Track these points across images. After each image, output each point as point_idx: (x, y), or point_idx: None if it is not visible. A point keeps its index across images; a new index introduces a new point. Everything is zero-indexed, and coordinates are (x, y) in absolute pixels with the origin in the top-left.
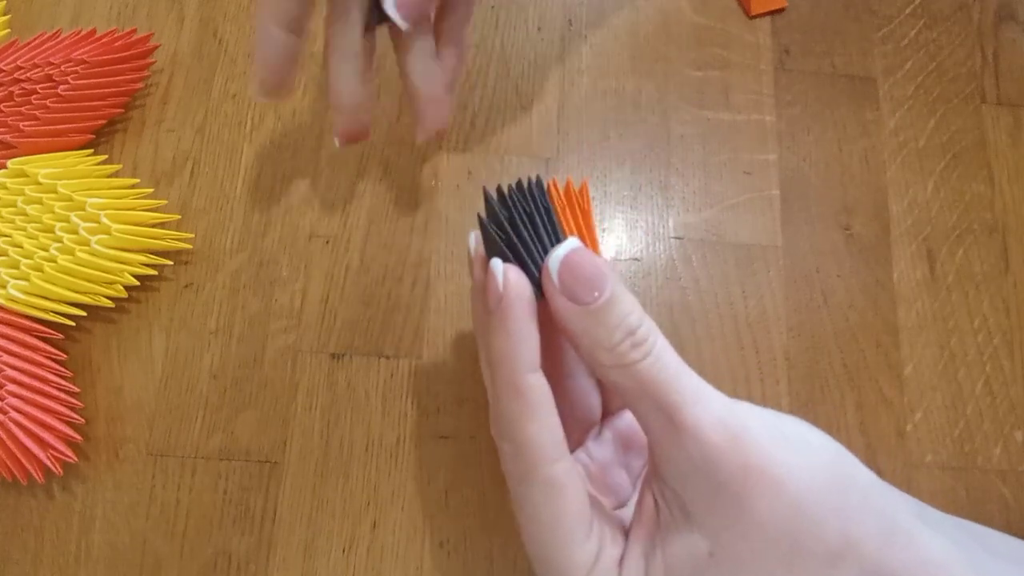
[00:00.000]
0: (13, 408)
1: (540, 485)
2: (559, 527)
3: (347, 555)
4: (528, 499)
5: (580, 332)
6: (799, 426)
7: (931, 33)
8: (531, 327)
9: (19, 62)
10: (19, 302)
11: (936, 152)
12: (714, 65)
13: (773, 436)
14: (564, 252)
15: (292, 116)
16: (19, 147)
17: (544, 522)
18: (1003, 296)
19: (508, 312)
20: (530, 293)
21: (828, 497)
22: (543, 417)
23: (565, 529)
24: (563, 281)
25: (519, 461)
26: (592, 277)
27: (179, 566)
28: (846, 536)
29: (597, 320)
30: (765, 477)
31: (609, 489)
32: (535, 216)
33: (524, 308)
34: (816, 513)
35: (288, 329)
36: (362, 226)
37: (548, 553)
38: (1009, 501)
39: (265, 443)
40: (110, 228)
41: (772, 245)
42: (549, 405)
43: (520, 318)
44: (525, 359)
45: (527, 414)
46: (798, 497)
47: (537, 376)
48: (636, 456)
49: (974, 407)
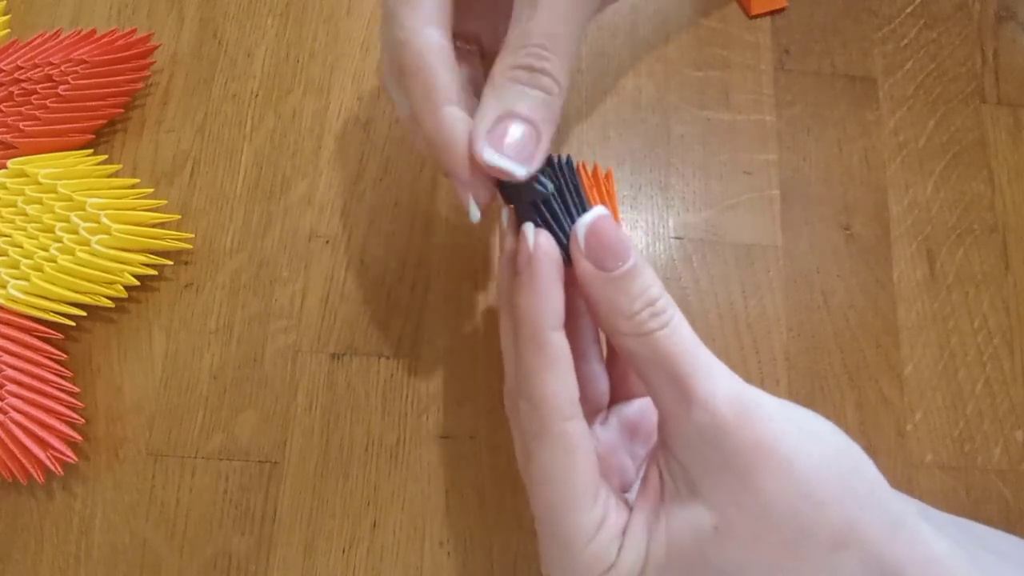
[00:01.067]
0: (13, 408)
1: (554, 440)
2: (569, 486)
3: (347, 555)
4: (541, 455)
5: (602, 298)
6: (810, 414)
7: (931, 33)
8: (557, 286)
9: (19, 62)
10: (19, 302)
11: (936, 152)
12: (714, 65)
13: (785, 418)
14: (592, 218)
15: (292, 116)
16: (19, 147)
17: (555, 480)
18: (1003, 296)
19: (537, 270)
20: (558, 255)
21: (836, 482)
22: (562, 373)
23: (574, 489)
24: (589, 245)
25: (535, 417)
26: (617, 244)
27: (179, 566)
28: (851, 523)
29: (619, 287)
30: (774, 455)
31: (614, 472)
32: (564, 190)
33: (552, 267)
34: (823, 496)
35: (288, 329)
36: (362, 226)
37: (555, 514)
38: (1009, 501)
39: (265, 443)
40: (110, 228)
41: (772, 245)
42: (568, 363)
43: (547, 276)
44: (550, 316)
45: (548, 368)
46: (806, 478)
47: (559, 334)
48: (641, 444)
49: (974, 407)
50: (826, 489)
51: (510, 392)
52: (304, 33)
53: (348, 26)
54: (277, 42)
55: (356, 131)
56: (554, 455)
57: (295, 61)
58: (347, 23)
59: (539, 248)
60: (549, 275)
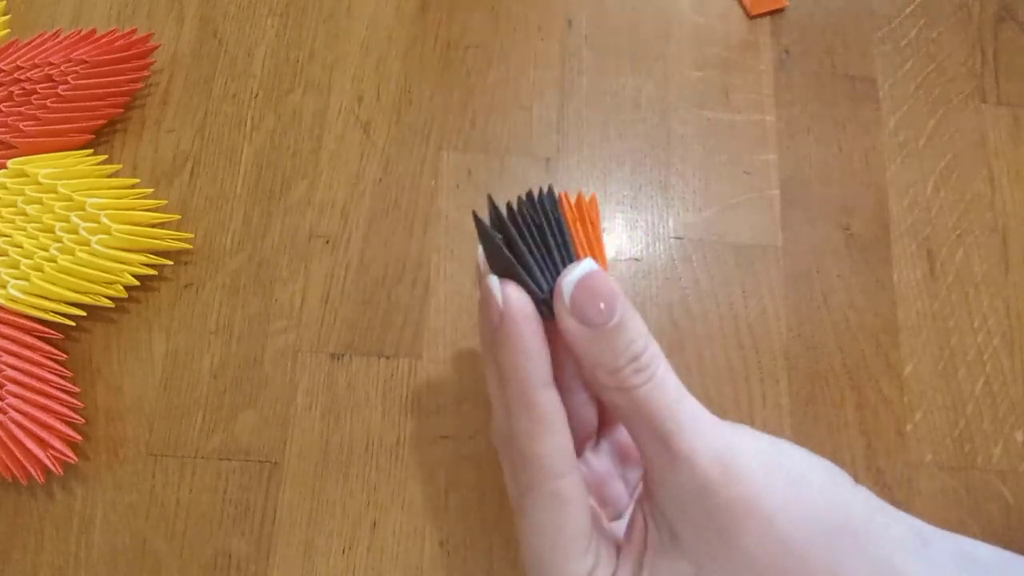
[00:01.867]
0: (13, 408)
1: (545, 498)
2: (559, 540)
3: (347, 555)
4: (531, 510)
5: (584, 353)
6: (796, 456)
7: (931, 33)
8: (539, 342)
9: (19, 62)
10: (19, 302)
11: (936, 152)
12: (714, 65)
13: (768, 468)
14: (580, 275)
15: (292, 116)
16: (19, 147)
17: (545, 534)
18: (1003, 296)
19: (512, 328)
20: (532, 311)
21: (818, 536)
22: (555, 433)
23: (565, 543)
24: (575, 303)
25: (525, 473)
26: (606, 301)
27: (179, 566)
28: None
29: (604, 343)
30: (756, 512)
31: (606, 501)
32: (544, 228)
33: (529, 324)
34: (804, 551)
35: (288, 329)
36: (362, 226)
37: (545, 565)
38: (1009, 501)
39: (265, 443)
40: (110, 228)
41: (772, 245)
42: (561, 421)
43: (526, 334)
44: (536, 374)
45: (539, 430)
46: (787, 534)
47: (549, 392)
48: (633, 468)
49: (974, 407)
50: (809, 543)
51: (498, 431)
52: (304, 33)
53: (348, 26)
54: (277, 42)
55: (356, 131)
56: (547, 511)
57: (295, 61)
58: (347, 23)
59: (510, 304)
60: (527, 333)
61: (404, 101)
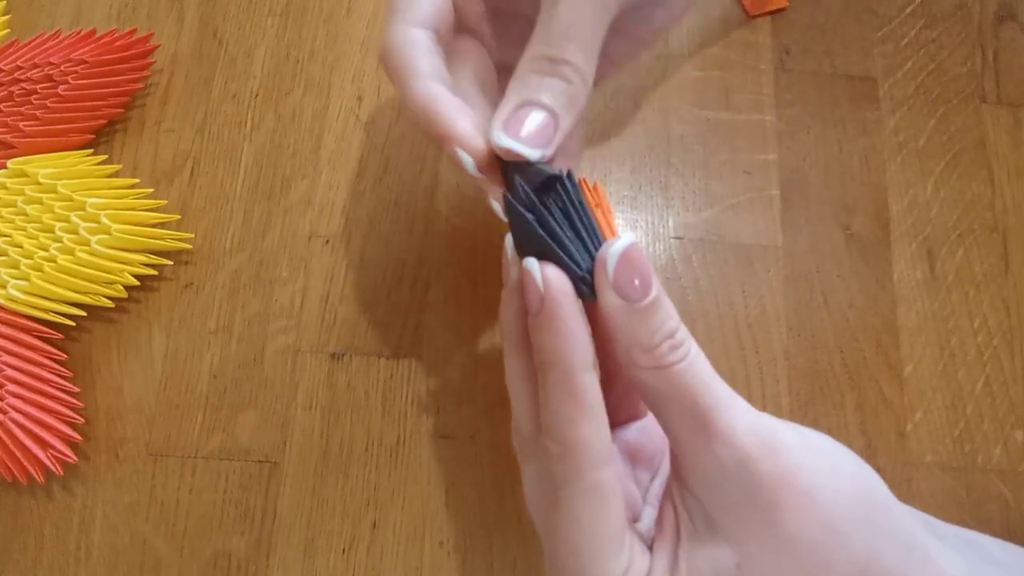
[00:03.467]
0: (13, 408)
1: (586, 490)
2: (598, 536)
3: (347, 555)
4: (570, 503)
5: (622, 330)
6: (822, 439)
7: (931, 33)
8: (581, 324)
9: (19, 62)
10: (19, 302)
11: (936, 152)
12: (714, 65)
13: (802, 447)
14: (623, 246)
15: (292, 116)
16: (19, 147)
17: (583, 529)
18: (1003, 296)
19: (556, 311)
20: (572, 289)
21: (856, 511)
22: (596, 419)
23: (603, 538)
24: (619, 276)
25: (565, 464)
26: (645, 275)
27: (179, 566)
28: (870, 551)
29: (641, 319)
30: (796, 487)
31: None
32: (570, 210)
33: (571, 305)
34: (845, 527)
35: (288, 329)
36: (362, 226)
37: (582, 562)
38: (1009, 501)
39: (265, 443)
40: (110, 228)
41: (772, 245)
42: (602, 407)
43: (570, 315)
44: (580, 357)
45: (582, 415)
46: (828, 509)
47: (591, 376)
48: (644, 469)
49: (974, 407)
50: (848, 518)
51: (519, 431)
52: (304, 33)
53: (348, 26)
54: (277, 42)
55: (356, 131)
56: (586, 504)
57: (295, 61)
58: (347, 23)
59: (551, 285)
60: (571, 315)
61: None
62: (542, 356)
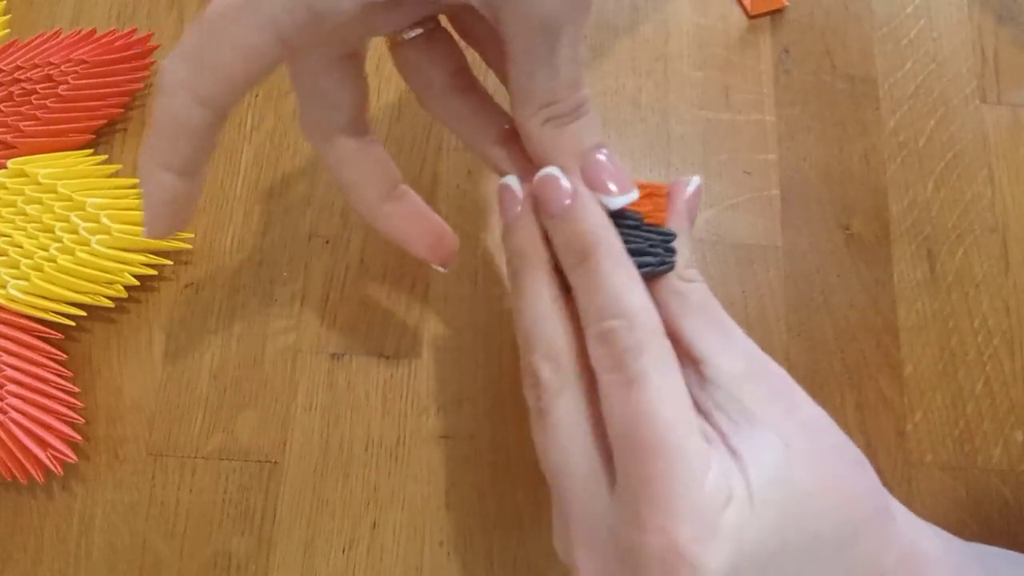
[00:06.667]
0: (13, 408)
1: (663, 354)
2: (681, 400)
3: (347, 555)
4: (648, 376)
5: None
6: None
7: (931, 33)
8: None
9: (19, 62)
10: (19, 302)
11: (936, 152)
12: (714, 65)
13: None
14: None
15: (292, 116)
16: (19, 147)
17: (666, 396)
18: (1003, 296)
19: (587, 196)
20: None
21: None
22: (644, 287)
23: (686, 405)
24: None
25: (635, 333)
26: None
27: (179, 566)
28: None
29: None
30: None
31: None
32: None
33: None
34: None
35: (288, 329)
36: (362, 226)
37: (678, 441)
38: (1009, 501)
39: (265, 443)
40: (110, 228)
41: (772, 245)
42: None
43: (596, 201)
44: (614, 233)
45: (636, 281)
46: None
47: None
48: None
49: (974, 407)
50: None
51: (556, 357)
52: None
53: None
54: None
55: None
56: (666, 368)
57: None
58: None
59: (577, 180)
60: (594, 198)
61: (404, 101)
62: (582, 241)
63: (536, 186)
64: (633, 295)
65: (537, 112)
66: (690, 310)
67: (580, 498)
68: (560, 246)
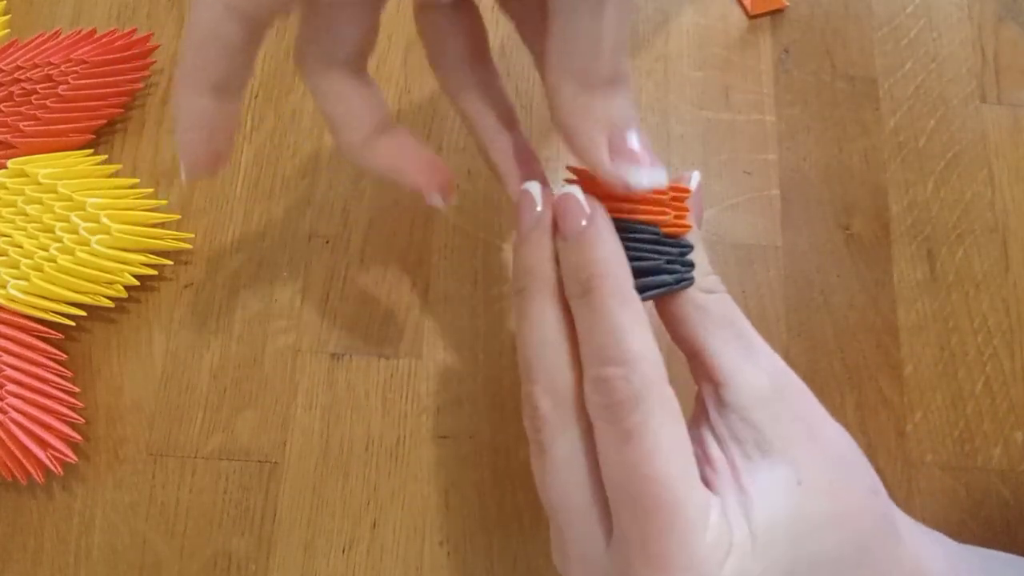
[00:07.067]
0: (13, 408)
1: (663, 402)
2: (680, 453)
3: (347, 555)
4: (647, 425)
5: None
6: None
7: (931, 33)
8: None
9: (19, 62)
10: (19, 302)
11: (936, 152)
12: (714, 65)
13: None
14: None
15: (292, 116)
16: (19, 147)
17: (664, 449)
18: (1003, 296)
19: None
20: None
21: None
22: (650, 330)
23: (685, 457)
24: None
25: (635, 379)
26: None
27: (179, 566)
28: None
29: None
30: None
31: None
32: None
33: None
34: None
35: (288, 329)
36: (362, 226)
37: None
38: (1009, 501)
39: (265, 443)
40: (110, 228)
41: (772, 245)
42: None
43: (611, 228)
44: (626, 268)
45: (641, 324)
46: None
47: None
48: None
49: (974, 407)
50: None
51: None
52: None
53: None
54: (277, 42)
55: None
56: (666, 418)
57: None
58: None
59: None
60: (611, 227)
61: (404, 101)
62: (591, 271)
63: (554, 203)
64: (635, 339)
65: (573, 77)
66: (711, 323)
67: (578, 538)
68: (567, 271)
